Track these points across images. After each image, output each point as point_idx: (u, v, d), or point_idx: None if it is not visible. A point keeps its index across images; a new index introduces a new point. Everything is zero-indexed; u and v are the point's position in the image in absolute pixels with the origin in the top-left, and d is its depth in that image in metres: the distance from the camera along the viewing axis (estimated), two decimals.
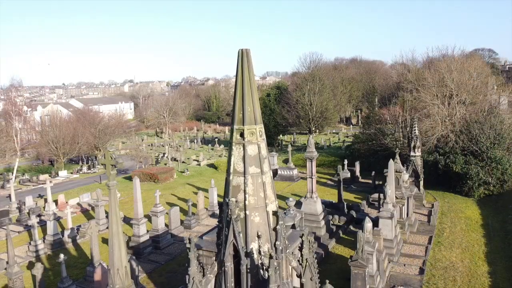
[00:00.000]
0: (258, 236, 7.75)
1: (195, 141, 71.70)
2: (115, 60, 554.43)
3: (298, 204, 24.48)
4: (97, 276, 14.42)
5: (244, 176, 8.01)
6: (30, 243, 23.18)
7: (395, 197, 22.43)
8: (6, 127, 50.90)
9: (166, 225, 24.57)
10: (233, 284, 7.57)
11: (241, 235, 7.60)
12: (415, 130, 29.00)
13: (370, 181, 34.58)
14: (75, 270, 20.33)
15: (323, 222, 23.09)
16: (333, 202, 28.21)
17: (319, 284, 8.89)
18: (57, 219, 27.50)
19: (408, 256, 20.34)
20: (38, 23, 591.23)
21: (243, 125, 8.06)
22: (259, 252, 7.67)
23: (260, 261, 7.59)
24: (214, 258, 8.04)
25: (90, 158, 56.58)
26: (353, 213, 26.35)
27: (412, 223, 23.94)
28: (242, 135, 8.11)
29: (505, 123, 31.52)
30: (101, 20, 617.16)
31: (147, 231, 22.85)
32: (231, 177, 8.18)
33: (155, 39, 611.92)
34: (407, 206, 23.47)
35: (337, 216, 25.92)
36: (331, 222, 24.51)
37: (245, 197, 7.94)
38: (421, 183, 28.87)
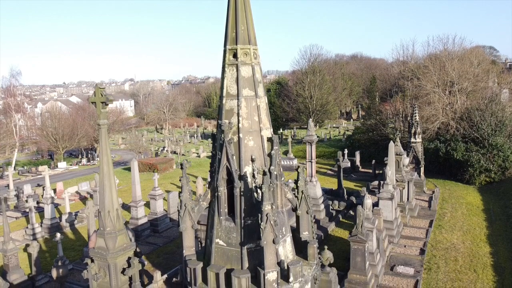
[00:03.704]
0: (252, 160, 7.51)
1: (195, 136, 71.56)
2: (116, 60, 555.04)
3: None
4: (91, 243, 14.17)
5: (238, 99, 7.69)
6: (27, 227, 23.01)
7: (396, 180, 22.21)
8: (6, 120, 50.72)
9: (165, 211, 24.38)
10: (226, 210, 7.36)
11: (234, 157, 7.36)
12: (415, 116, 28.76)
13: (370, 171, 34.38)
14: (72, 252, 20.19)
15: (322, 206, 22.91)
16: (333, 189, 28.10)
17: (316, 235, 8.68)
18: (55, 205, 27.30)
19: (408, 238, 20.13)
20: (38, 23, 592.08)
21: (236, 44, 7.72)
22: (253, 176, 7.45)
23: (254, 185, 7.39)
24: (207, 186, 7.82)
25: (89, 152, 56.43)
26: (353, 199, 26.13)
27: (413, 207, 23.71)
28: (235, 55, 7.77)
29: (506, 110, 31.29)
30: (102, 20, 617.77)
31: (145, 215, 22.69)
32: (224, 101, 7.84)
33: (155, 39, 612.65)
34: (407, 190, 23.25)
35: (337, 201, 25.72)
36: (330, 207, 24.33)
37: (238, 120, 7.65)
38: (422, 169, 28.63)
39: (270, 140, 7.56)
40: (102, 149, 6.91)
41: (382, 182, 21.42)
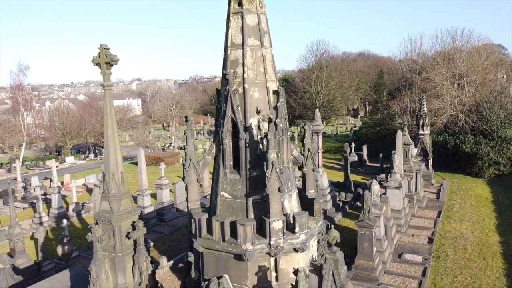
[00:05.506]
0: (258, 112, 7.34)
1: (202, 133, 71.70)
2: (123, 60, 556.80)
3: None
4: None
5: (243, 48, 7.50)
6: (34, 217, 23.11)
7: (404, 170, 22.01)
8: (14, 117, 51.09)
9: (172, 201, 24.34)
10: (231, 163, 7.23)
11: (239, 109, 7.20)
12: (423, 107, 28.49)
13: (378, 165, 34.12)
14: (79, 240, 20.19)
15: (329, 197, 22.77)
16: (340, 181, 27.93)
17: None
18: (63, 196, 27.39)
19: (416, 228, 19.92)
20: (46, 23, 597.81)
21: None
22: (259, 128, 7.29)
23: (259, 137, 7.22)
24: (212, 140, 7.70)
25: (97, 148, 56.70)
26: (360, 191, 25.92)
27: (421, 198, 23.51)
28: (240, 3, 7.60)
29: None
30: (110, 21, 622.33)
31: (152, 205, 22.68)
32: (228, 51, 7.66)
33: (163, 40, 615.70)
34: (415, 180, 23.02)
35: (344, 193, 25.62)
36: (337, 198, 24.21)
37: (243, 70, 7.46)
38: (430, 161, 28.37)
39: (276, 93, 7.41)
40: (106, 111, 6.83)
41: (389, 173, 21.24)
